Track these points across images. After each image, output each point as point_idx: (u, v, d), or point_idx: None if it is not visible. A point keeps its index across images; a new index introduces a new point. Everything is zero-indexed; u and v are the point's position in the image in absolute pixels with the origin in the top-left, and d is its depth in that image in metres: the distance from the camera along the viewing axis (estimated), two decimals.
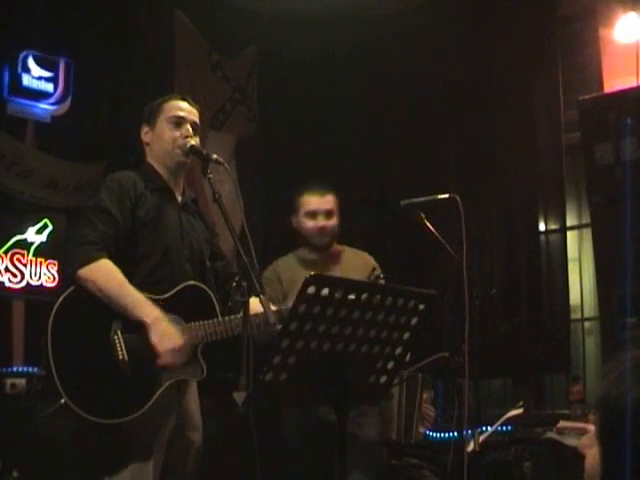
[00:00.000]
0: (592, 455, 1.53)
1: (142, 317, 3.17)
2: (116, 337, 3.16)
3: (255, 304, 3.03)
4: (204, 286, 3.38)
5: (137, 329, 3.19)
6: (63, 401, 3.08)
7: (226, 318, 3.32)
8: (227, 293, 3.55)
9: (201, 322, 3.29)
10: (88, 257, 3.20)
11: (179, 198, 3.55)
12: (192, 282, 3.36)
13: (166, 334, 3.17)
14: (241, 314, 3.34)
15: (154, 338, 3.15)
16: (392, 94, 7.52)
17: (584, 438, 1.66)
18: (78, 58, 6.76)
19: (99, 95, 6.86)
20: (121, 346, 3.16)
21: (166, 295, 3.29)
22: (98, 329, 3.18)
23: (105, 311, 3.18)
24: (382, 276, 4.27)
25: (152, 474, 3.19)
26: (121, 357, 3.15)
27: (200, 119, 3.61)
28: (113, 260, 3.23)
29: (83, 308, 3.23)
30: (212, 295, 3.38)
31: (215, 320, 3.31)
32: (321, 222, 4.19)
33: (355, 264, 4.25)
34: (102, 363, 3.15)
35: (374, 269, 4.22)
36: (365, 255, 4.38)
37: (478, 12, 7.20)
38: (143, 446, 3.20)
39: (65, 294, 3.27)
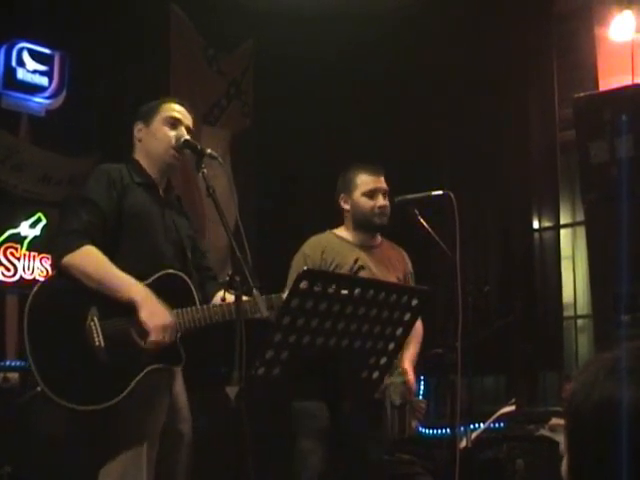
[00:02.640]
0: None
1: (131, 296, 3.18)
2: (92, 324, 3.17)
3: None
4: (183, 274, 3.39)
5: (115, 315, 3.19)
6: (39, 388, 3.10)
7: (204, 306, 3.34)
8: (200, 284, 3.57)
9: (179, 309, 3.29)
10: (72, 245, 3.21)
11: (162, 194, 3.57)
12: (171, 270, 3.37)
13: (156, 312, 3.18)
14: (219, 302, 3.39)
15: (143, 315, 3.16)
16: (386, 90, 7.52)
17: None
18: (73, 52, 6.75)
19: (93, 89, 6.86)
20: (97, 332, 3.16)
21: (144, 282, 3.29)
22: (75, 316, 3.19)
23: (82, 298, 3.20)
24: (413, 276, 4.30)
25: (145, 465, 3.20)
26: (97, 343, 3.16)
27: (194, 124, 3.65)
28: (97, 247, 3.24)
29: (60, 295, 3.26)
30: (191, 284, 3.39)
31: (193, 308, 3.31)
32: (382, 201, 4.13)
33: (393, 257, 4.24)
34: (78, 350, 3.16)
35: (407, 265, 4.25)
36: (401, 250, 4.37)
37: (474, 10, 7.19)
38: (135, 434, 3.21)
39: (41, 283, 3.34)
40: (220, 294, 3.38)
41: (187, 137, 3.47)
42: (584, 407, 1.35)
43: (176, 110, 3.56)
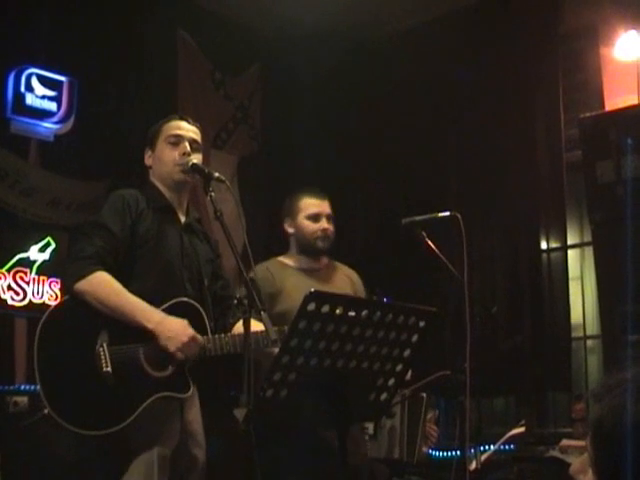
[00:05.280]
0: None
1: (143, 323, 3.18)
2: (101, 349, 3.17)
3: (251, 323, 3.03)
4: (196, 303, 3.38)
5: (125, 341, 3.20)
6: (46, 411, 3.11)
7: (216, 336, 3.32)
8: (223, 313, 3.57)
9: None
10: (84, 270, 3.22)
11: (182, 218, 3.56)
12: (184, 299, 3.36)
13: (171, 333, 3.18)
14: (231, 333, 3.38)
15: (161, 342, 3.16)
16: (394, 112, 7.55)
17: (575, 464, 1.59)
18: (81, 77, 6.79)
19: (102, 114, 6.89)
20: (106, 358, 3.16)
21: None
22: (85, 341, 3.19)
23: (92, 323, 3.20)
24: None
25: None
26: (105, 369, 3.16)
27: (201, 137, 3.64)
28: (110, 273, 3.25)
29: (71, 320, 3.26)
30: (203, 313, 3.38)
31: (205, 337, 3.31)
32: (325, 224, 4.13)
33: (339, 279, 4.22)
34: (87, 375, 3.16)
35: (355, 285, 4.20)
36: (349, 271, 4.31)
37: (479, 31, 7.23)
38: (142, 460, 3.20)
39: (52, 307, 3.33)
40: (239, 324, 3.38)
41: (194, 161, 3.47)
42: (617, 431, 1.34)
43: (176, 127, 3.57)
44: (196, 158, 3.50)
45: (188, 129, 3.58)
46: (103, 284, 3.22)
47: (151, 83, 7.14)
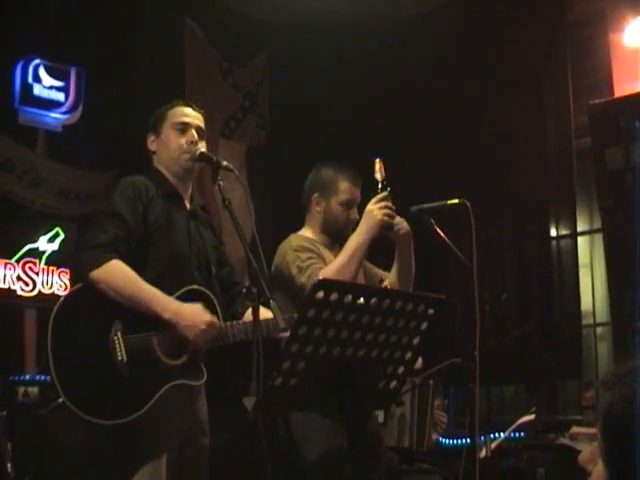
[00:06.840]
0: (598, 472, 1.45)
1: (160, 313, 3.17)
2: (116, 338, 3.15)
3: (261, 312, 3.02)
4: (207, 291, 3.37)
5: (139, 329, 3.19)
6: (61, 400, 3.09)
7: (228, 323, 3.31)
8: (231, 300, 3.56)
9: None
10: (99, 259, 3.19)
11: (187, 205, 3.55)
12: (195, 286, 3.35)
13: (189, 322, 3.17)
14: (242, 320, 3.37)
15: (180, 331, 3.15)
16: (402, 100, 7.53)
17: (584, 453, 1.58)
18: (89, 67, 6.79)
19: (110, 104, 6.89)
20: (120, 347, 3.14)
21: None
22: (98, 330, 3.16)
23: (106, 312, 3.17)
24: None
25: (165, 478, 3.19)
26: (120, 358, 3.13)
27: (205, 124, 3.62)
28: (124, 261, 3.23)
29: (84, 309, 3.23)
30: (215, 300, 3.37)
31: None
32: (355, 214, 3.87)
33: None
34: (101, 364, 3.13)
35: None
36: None
37: (487, 18, 7.20)
38: (152, 450, 3.19)
39: (65, 296, 3.30)
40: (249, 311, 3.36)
41: (202, 150, 3.44)
42: (627, 420, 1.34)
43: (183, 114, 3.54)
44: (202, 146, 3.48)
45: (194, 116, 3.55)
46: (119, 273, 3.20)
47: (158, 72, 7.13)
